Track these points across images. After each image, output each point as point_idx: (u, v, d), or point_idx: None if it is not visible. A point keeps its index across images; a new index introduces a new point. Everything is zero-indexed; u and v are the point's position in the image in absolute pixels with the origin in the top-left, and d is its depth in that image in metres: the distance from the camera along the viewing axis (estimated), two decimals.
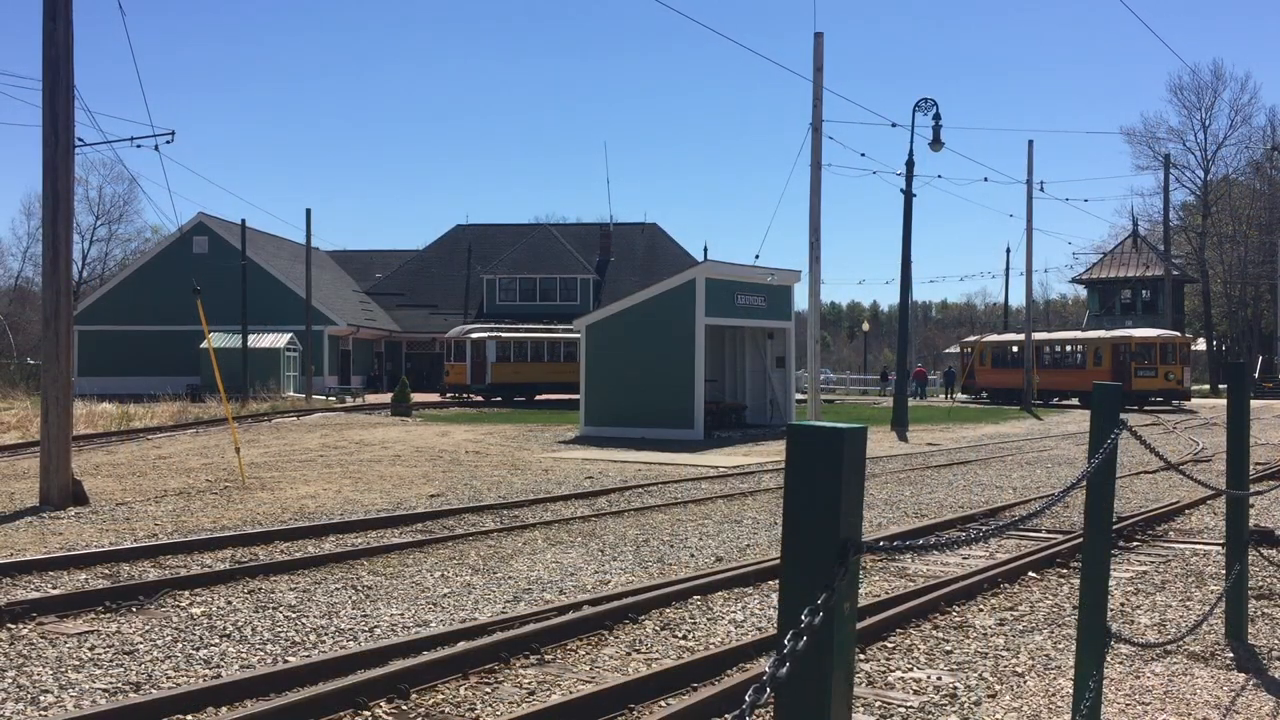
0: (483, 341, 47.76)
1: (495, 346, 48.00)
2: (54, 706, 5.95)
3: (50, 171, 14.70)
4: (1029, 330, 45.70)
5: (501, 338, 48.51)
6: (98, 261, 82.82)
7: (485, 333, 48.43)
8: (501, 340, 48.43)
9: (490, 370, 47.45)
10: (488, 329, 49.30)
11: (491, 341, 47.91)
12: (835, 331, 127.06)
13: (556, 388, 50.03)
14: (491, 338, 48.01)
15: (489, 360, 47.58)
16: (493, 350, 47.87)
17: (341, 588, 9.10)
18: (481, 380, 47.04)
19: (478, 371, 47.24)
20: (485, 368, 47.42)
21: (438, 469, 19.35)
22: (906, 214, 32.42)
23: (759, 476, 18.42)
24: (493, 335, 48.20)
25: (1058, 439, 27.94)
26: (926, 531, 12.26)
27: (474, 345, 47.72)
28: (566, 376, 50.61)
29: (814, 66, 27.02)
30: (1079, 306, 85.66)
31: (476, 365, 47.28)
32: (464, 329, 49.86)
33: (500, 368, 47.90)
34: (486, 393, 47.24)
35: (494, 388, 47.47)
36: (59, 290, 14.82)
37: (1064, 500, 13.63)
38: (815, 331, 27.94)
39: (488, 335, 48.07)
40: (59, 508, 13.95)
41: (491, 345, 47.88)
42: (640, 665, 6.82)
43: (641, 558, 10.63)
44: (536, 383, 49.59)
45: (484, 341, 47.76)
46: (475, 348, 47.68)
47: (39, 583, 9.23)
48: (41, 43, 14.73)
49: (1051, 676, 6.61)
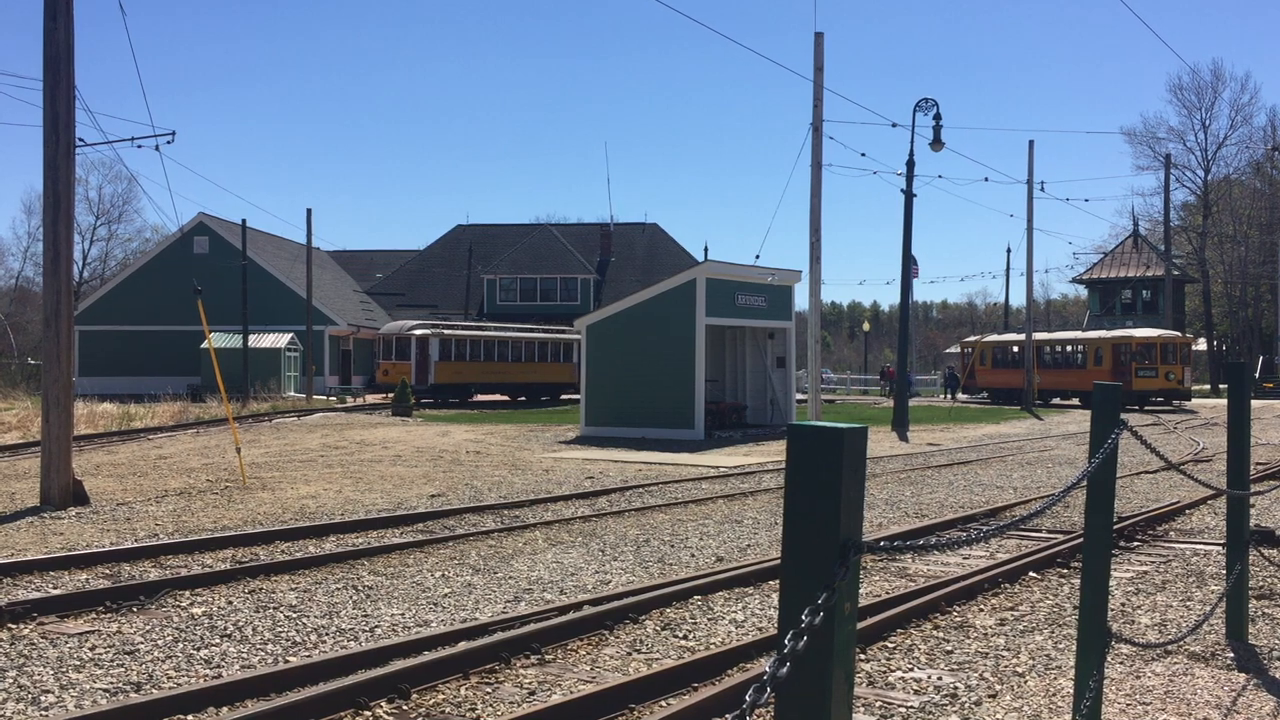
0: (426, 339, 45.51)
1: (439, 345, 45.89)
2: (55, 706, 5.95)
3: (51, 171, 14.70)
4: (1029, 330, 45.70)
5: (445, 335, 46.49)
6: (98, 261, 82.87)
7: (428, 329, 46.20)
8: (445, 338, 46.36)
9: (434, 369, 45.31)
10: (430, 325, 47.01)
11: (435, 339, 45.77)
12: (836, 331, 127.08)
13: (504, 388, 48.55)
14: (435, 335, 45.88)
15: (432, 359, 45.36)
16: (436, 349, 45.72)
17: (342, 588, 9.10)
18: (424, 380, 44.62)
19: (420, 371, 44.87)
20: (429, 367, 45.22)
21: (438, 469, 19.35)
22: (907, 214, 32.43)
23: (759, 476, 18.42)
24: (436, 333, 46.07)
25: (1058, 439, 27.93)
26: (927, 531, 12.25)
27: (418, 343, 45.37)
28: (515, 377, 49.64)
29: (814, 66, 27.02)
30: (1079, 306, 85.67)
31: (420, 364, 45.01)
32: (403, 325, 47.38)
33: (444, 367, 45.77)
34: (429, 394, 44.81)
35: (437, 388, 45.27)
36: (60, 290, 14.83)
37: (1064, 500, 13.64)
38: (816, 331, 27.94)
39: (431, 332, 45.91)
40: (60, 508, 13.96)
41: (435, 343, 45.74)
42: (641, 665, 6.82)
43: (642, 558, 10.63)
44: (482, 383, 47.72)
45: (427, 339, 45.54)
46: (419, 345, 45.35)
47: (40, 583, 9.23)
48: (42, 42, 14.74)
49: (1052, 676, 6.61)
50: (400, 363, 45.05)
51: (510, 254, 65.74)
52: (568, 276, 64.19)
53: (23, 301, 74.57)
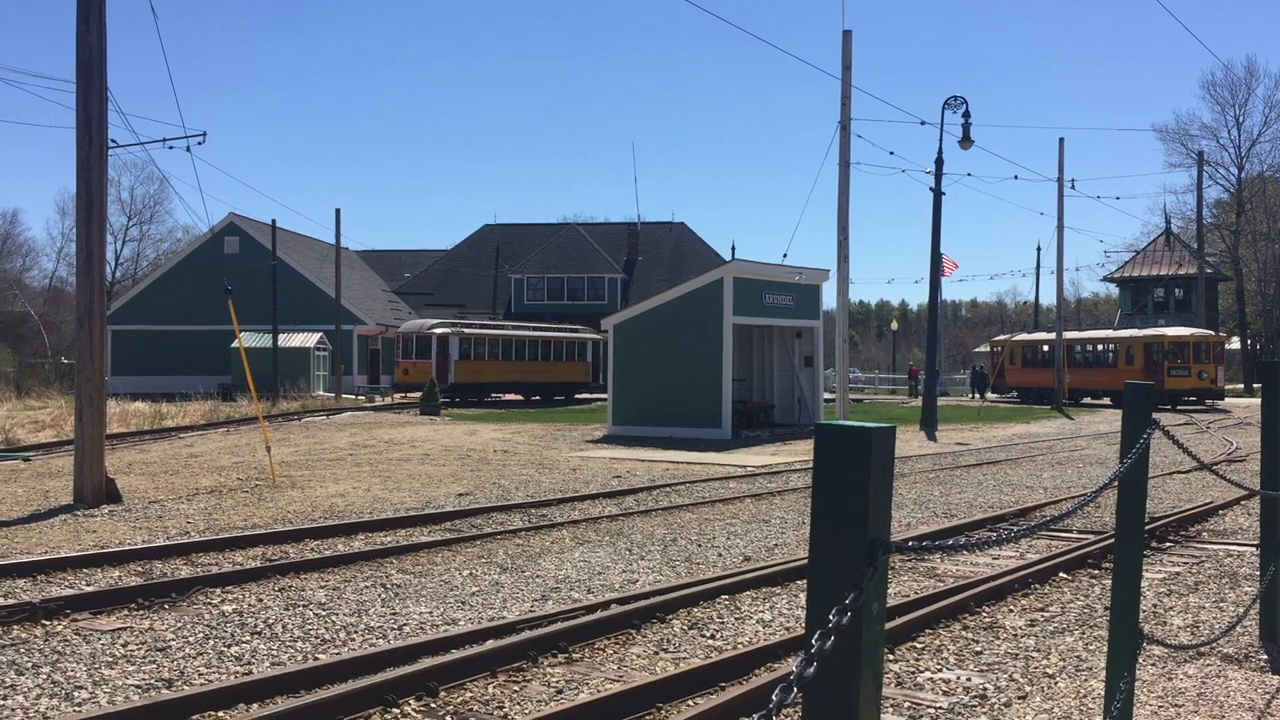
0: (446, 338, 44.59)
1: (458, 344, 45.00)
2: (88, 703, 6.01)
3: (84, 173, 14.85)
4: (1060, 329, 45.35)
5: (464, 334, 45.59)
6: (131, 262, 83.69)
7: (448, 328, 45.30)
8: (464, 337, 45.47)
9: (454, 369, 44.31)
10: (449, 324, 46.17)
11: (455, 338, 44.88)
12: (864, 331, 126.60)
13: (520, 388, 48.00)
14: (455, 334, 45.00)
15: (452, 358, 44.46)
16: (456, 347, 44.85)
17: (371, 586, 9.15)
18: (444, 380, 43.35)
19: (441, 370, 43.82)
20: (449, 366, 44.25)
21: (466, 468, 19.41)
22: (936, 212, 32.25)
23: (787, 476, 18.37)
24: (456, 332, 45.22)
25: (1089, 439, 27.71)
26: (956, 531, 12.19)
27: (438, 342, 44.39)
28: (531, 376, 48.99)
29: (842, 65, 26.92)
30: (1111, 305, 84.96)
31: (440, 364, 44.08)
32: (423, 323, 46.42)
33: (463, 366, 44.86)
34: (448, 393, 43.32)
35: (457, 387, 44.15)
36: (93, 290, 14.97)
37: (1095, 500, 13.52)
38: (843, 330, 27.84)
39: (451, 331, 45.00)
40: (93, 506, 14.09)
41: (455, 342, 44.83)
42: (668, 664, 6.82)
43: (669, 557, 10.63)
44: (500, 382, 47.08)
45: (448, 338, 44.61)
46: (440, 344, 44.39)
47: (73, 580, 9.33)
48: (75, 45, 14.89)
49: (1083, 678, 6.55)
50: (421, 362, 44.33)
51: (537, 253, 65.87)
52: (595, 276, 64.25)
53: (56, 301, 75.42)
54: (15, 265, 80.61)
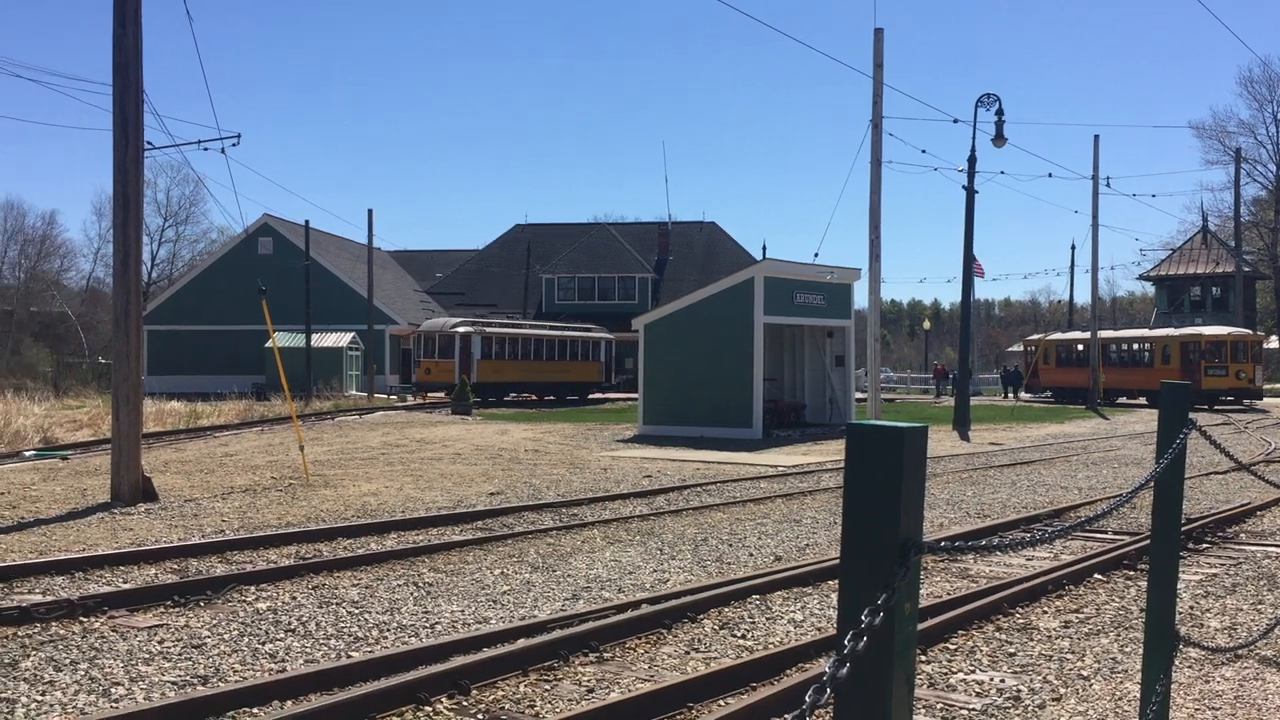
0: (469, 337, 43.92)
1: (480, 342, 44.35)
2: (124, 698, 6.08)
3: (120, 175, 15.01)
4: (1094, 328, 44.95)
5: (486, 333, 44.95)
6: (166, 262, 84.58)
7: (470, 326, 44.62)
8: (486, 336, 44.86)
9: (476, 368, 43.43)
10: (471, 322, 45.44)
11: (477, 337, 44.22)
12: (896, 330, 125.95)
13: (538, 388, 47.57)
14: (477, 333, 44.32)
15: (474, 357, 43.77)
16: (478, 346, 44.19)
17: (403, 584, 9.20)
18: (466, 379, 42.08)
19: (464, 370, 42.79)
20: (471, 365, 43.38)
21: (497, 467, 19.48)
22: (968, 211, 32.04)
23: (818, 476, 18.31)
24: (478, 330, 44.56)
25: (1124, 439, 27.44)
26: (989, 532, 12.11)
27: (461, 340, 43.64)
28: (549, 376, 48.45)
29: (874, 63, 26.80)
30: (1146, 304, 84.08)
31: (463, 363, 43.24)
32: (444, 321, 45.68)
33: (485, 365, 44.14)
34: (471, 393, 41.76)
35: (479, 387, 42.81)
36: (129, 291, 15.13)
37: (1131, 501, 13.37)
38: (875, 330, 27.71)
39: (473, 330, 44.33)
40: (129, 504, 14.25)
41: (477, 341, 44.16)
42: (699, 664, 6.81)
43: (700, 557, 10.62)
44: (520, 382, 46.51)
45: (470, 337, 43.96)
46: (462, 343, 43.67)
47: (110, 577, 9.44)
48: (111, 48, 15.05)
49: (1118, 680, 6.50)
50: (444, 361, 43.64)
51: (568, 253, 65.97)
52: (625, 275, 64.26)
53: (93, 302, 76.32)
54: (53, 266, 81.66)
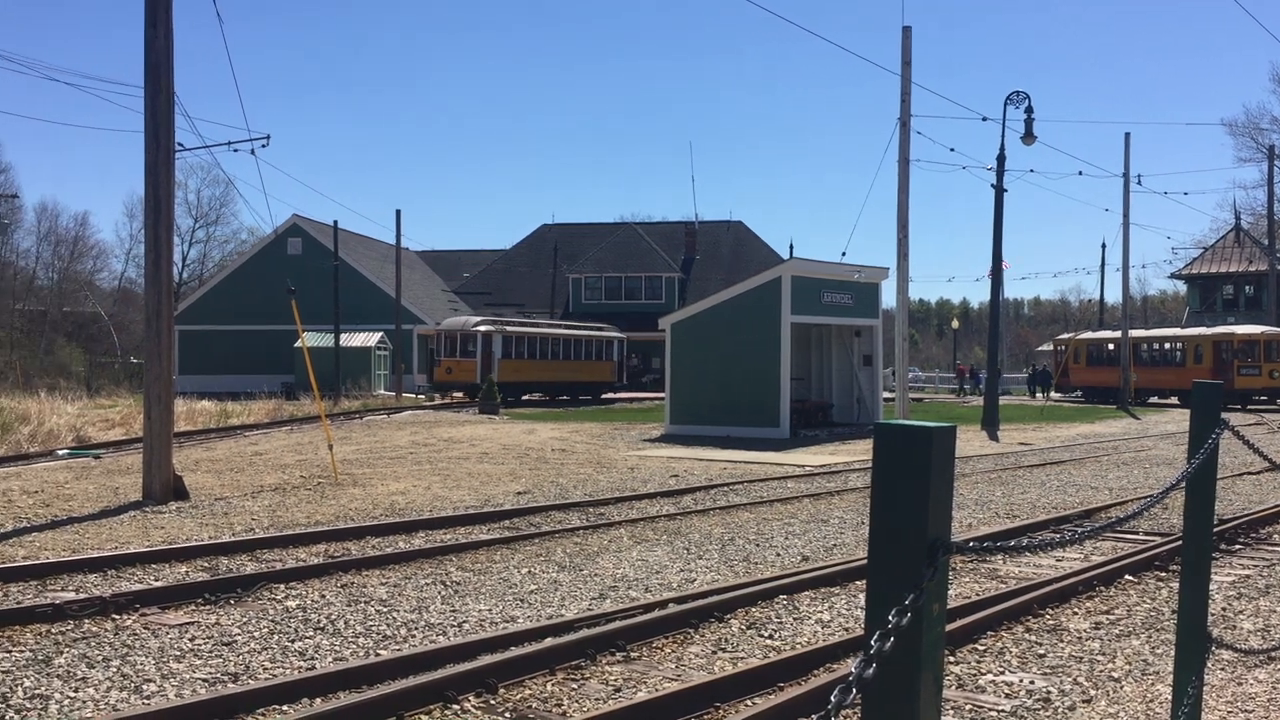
0: (490, 336, 43.63)
1: (501, 341, 44.06)
2: (156, 695, 6.14)
3: (152, 176, 15.14)
4: (1125, 327, 44.57)
5: (507, 332, 44.64)
6: (197, 263, 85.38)
7: (491, 325, 44.32)
8: (507, 335, 44.55)
9: (497, 367, 43.00)
10: (492, 321, 45.19)
11: (498, 336, 43.95)
12: (924, 329, 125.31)
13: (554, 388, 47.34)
14: (498, 332, 44.02)
15: (495, 356, 43.44)
16: (499, 345, 43.91)
17: (431, 583, 9.24)
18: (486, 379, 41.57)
19: (485, 369, 42.55)
20: (492, 365, 43.01)
21: (524, 466, 19.53)
22: (997, 209, 31.82)
23: (846, 476, 18.25)
24: (499, 329, 44.25)
25: (1156, 439, 27.20)
26: (1018, 532, 12.03)
27: (483, 339, 43.33)
28: (564, 375, 48.25)
29: (902, 61, 26.69)
30: (1178, 303, 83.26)
31: (484, 362, 42.92)
32: (465, 320, 45.50)
33: (505, 365, 43.65)
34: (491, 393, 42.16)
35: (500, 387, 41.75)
36: (160, 291, 15.27)
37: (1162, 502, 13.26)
38: (903, 329, 27.59)
39: (494, 329, 44.05)
40: (161, 502, 14.37)
41: (498, 340, 43.89)
42: (726, 664, 6.81)
43: (727, 556, 10.61)
44: (538, 381, 46.16)
45: (491, 336, 43.65)
46: (484, 342, 43.37)
47: (142, 575, 9.53)
48: (143, 50, 15.18)
49: (1149, 682, 6.44)
50: (465, 360, 43.28)
51: (595, 253, 66.04)
52: (652, 275, 64.26)
53: (125, 302, 77.08)
54: (86, 267, 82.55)
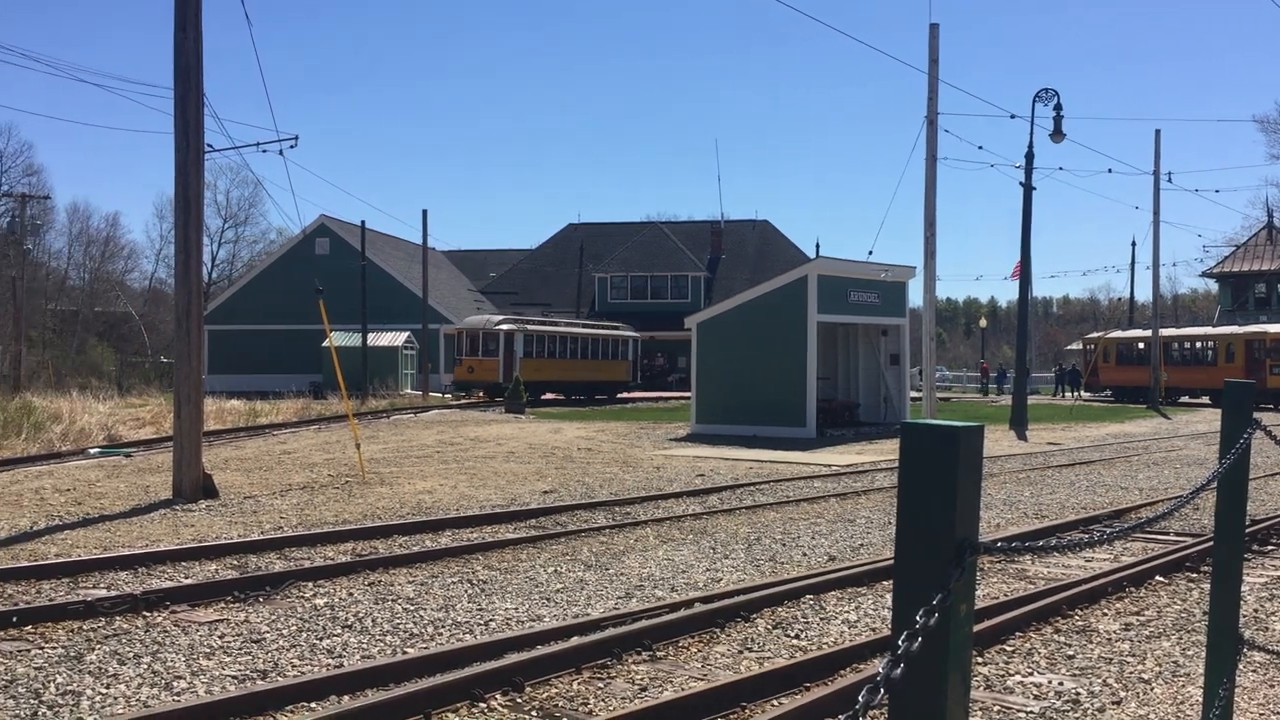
0: (512, 335, 43.41)
1: (523, 340, 43.81)
2: (186, 692, 6.19)
3: (182, 177, 15.26)
4: (1156, 326, 44.19)
5: (528, 331, 44.44)
6: (226, 263, 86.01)
7: (513, 324, 44.16)
8: (528, 334, 44.32)
9: (519, 366, 42.64)
10: (514, 320, 45.07)
11: (520, 335, 43.73)
12: (951, 328, 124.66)
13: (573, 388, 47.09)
14: (519, 331, 43.84)
15: (517, 356, 43.21)
16: (520, 344, 43.66)
17: (458, 581, 9.27)
18: (509, 378, 41.29)
19: (507, 368, 42.43)
20: (514, 364, 42.80)
21: (551, 466, 19.56)
22: (1026, 207, 31.62)
23: (873, 475, 18.18)
24: (520, 329, 44.04)
25: (1186, 439, 26.95)
26: (1047, 533, 11.95)
27: (505, 339, 43.16)
28: (582, 375, 48.02)
29: (929, 59, 26.56)
30: (1209, 301, 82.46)
31: (507, 361, 42.80)
32: (487, 319, 45.40)
33: (527, 364, 43.22)
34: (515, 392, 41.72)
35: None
36: (190, 291, 15.39)
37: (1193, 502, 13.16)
38: (930, 328, 27.45)
39: (516, 328, 43.82)
40: (191, 500, 14.49)
41: (520, 339, 43.67)
42: (752, 664, 6.80)
43: (753, 556, 10.59)
44: (558, 381, 45.79)
45: (513, 335, 43.45)
46: (506, 341, 43.19)
47: (172, 572, 9.61)
48: (173, 53, 15.30)
49: (1180, 684, 6.38)
50: (487, 359, 43.17)
51: (621, 252, 66.06)
52: (678, 274, 64.22)
53: (156, 302, 77.75)
54: (117, 267, 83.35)
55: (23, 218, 58.80)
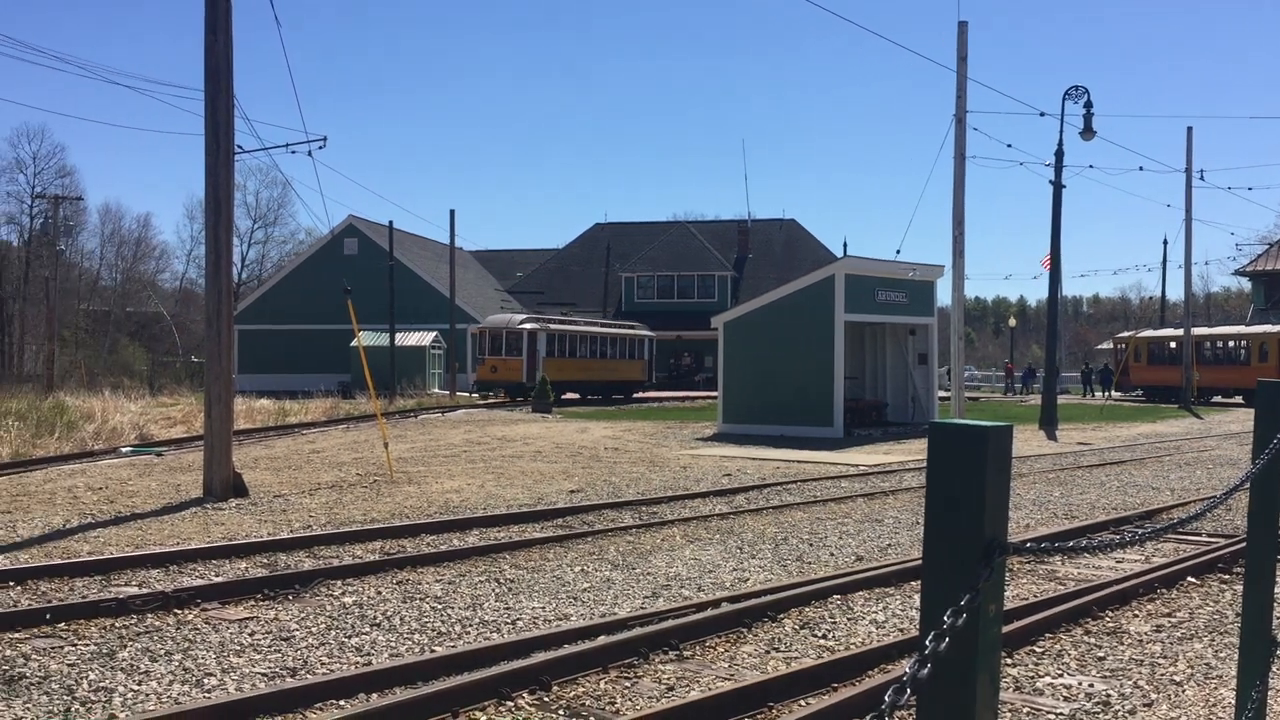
0: (535, 334, 43.30)
1: (545, 339, 43.69)
2: (217, 689, 6.24)
3: (212, 179, 15.38)
4: (1188, 325, 43.78)
5: (551, 330, 44.26)
6: (255, 263, 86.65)
7: (536, 324, 44.01)
8: (551, 333, 44.16)
9: (542, 366, 42.43)
10: (536, 319, 44.91)
11: (542, 334, 43.56)
12: (980, 328, 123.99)
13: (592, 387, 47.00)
14: (542, 330, 43.66)
15: (540, 355, 43.10)
16: (543, 344, 43.50)
17: (485, 580, 9.30)
18: (532, 379, 41.27)
19: (530, 368, 42.27)
20: (537, 363, 42.65)
21: (577, 465, 19.59)
22: (1055, 206, 31.40)
23: (900, 475, 18.10)
24: (543, 328, 43.86)
25: (1219, 438, 26.68)
26: (1077, 533, 11.86)
27: (529, 338, 43.07)
28: (601, 375, 47.94)
29: (957, 56, 26.43)
30: (1242, 300, 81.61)
31: (530, 361, 42.64)
32: (509, 318, 45.32)
33: (549, 364, 43.07)
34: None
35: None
36: (220, 292, 15.51)
37: (1226, 503, 13.01)
38: (959, 327, 27.31)
39: (538, 327, 43.66)
40: (221, 499, 14.60)
41: (542, 338, 43.51)
42: (779, 664, 6.78)
43: (780, 556, 10.57)
44: (578, 380, 45.57)
45: (536, 334, 43.30)
46: (530, 340, 43.10)
47: (203, 570, 9.69)
48: (203, 55, 15.43)
49: (1212, 686, 6.32)
50: (510, 359, 43.07)
51: (647, 252, 66.07)
52: (705, 274, 64.16)
53: (186, 302, 78.48)
54: (149, 267, 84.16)
55: (56, 219, 59.46)
